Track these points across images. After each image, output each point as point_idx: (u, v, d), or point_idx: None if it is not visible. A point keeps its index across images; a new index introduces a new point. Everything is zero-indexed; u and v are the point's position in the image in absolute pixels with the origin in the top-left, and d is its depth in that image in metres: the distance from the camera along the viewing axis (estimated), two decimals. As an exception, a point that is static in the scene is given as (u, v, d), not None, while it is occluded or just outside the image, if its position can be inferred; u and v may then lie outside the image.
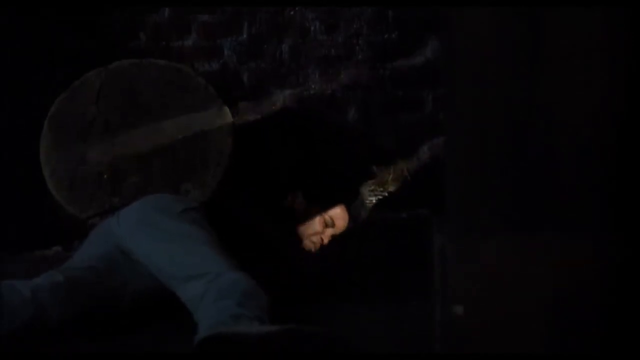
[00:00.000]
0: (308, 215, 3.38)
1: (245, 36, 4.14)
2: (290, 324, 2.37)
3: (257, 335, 2.33)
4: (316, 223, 3.38)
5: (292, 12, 4.11)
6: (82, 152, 3.82)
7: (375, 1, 4.08)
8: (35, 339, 2.57)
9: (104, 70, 3.87)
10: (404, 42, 4.10)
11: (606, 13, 1.73)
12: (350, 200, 3.49)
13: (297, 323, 2.39)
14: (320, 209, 3.39)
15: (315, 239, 3.37)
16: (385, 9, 4.08)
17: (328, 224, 3.39)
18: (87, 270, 2.87)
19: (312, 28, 4.08)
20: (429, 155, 4.10)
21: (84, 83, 3.85)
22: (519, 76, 1.79)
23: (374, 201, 4.01)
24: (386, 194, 3.97)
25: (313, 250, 3.37)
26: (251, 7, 4.11)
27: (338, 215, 3.42)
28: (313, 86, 4.13)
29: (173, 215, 2.97)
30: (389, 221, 3.81)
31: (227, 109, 3.90)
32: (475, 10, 1.74)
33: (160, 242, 2.89)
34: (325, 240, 3.38)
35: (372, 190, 4.03)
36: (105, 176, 3.80)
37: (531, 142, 1.81)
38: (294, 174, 3.80)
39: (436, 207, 2.02)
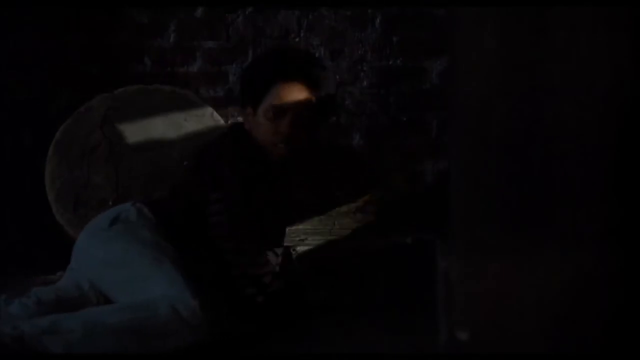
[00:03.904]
0: (260, 120, 3.01)
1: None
2: None
3: None
4: (264, 118, 2.99)
5: (296, 39, 4.13)
6: (87, 176, 3.83)
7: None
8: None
9: (109, 96, 3.88)
10: (408, 67, 4.12)
11: (613, 32, 1.73)
12: (280, 71, 3.01)
13: None
14: (267, 104, 2.99)
15: (277, 138, 2.99)
16: (390, 27, 4.10)
17: (276, 109, 2.97)
18: (74, 288, 2.90)
19: (317, 54, 4.10)
20: (434, 179, 4.10)
21: (90, 108, 3.86)
22: (522, 97, 1.79)
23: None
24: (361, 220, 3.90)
25: (285, 151, 3.01)
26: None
27: (279, 94, 2.98)
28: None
29: (102, 237, 2.92)
30: (393, 246, 3.81)
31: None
32: (478, 29, 1.74)
33: (97, 271, 2.89)
34: (285, 129, 2.97)
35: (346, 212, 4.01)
36: (110, 202, 3.81)
37: (534, 161, 1.80)
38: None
39: (441, 231, 2.02)
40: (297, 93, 2.98)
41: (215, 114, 3.92)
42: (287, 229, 3.36)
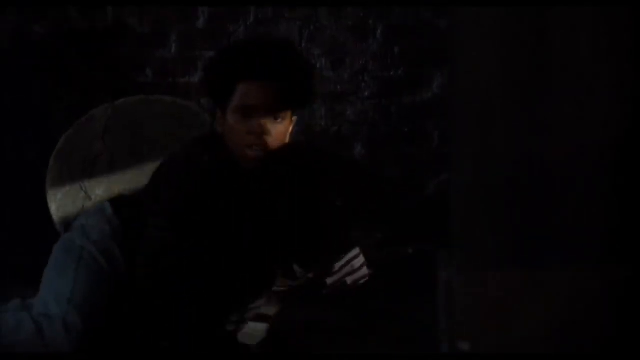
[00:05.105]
0: (230, 121, 2.73)
1: (251, 73, 4.16)
2: None
3: None
4: (234, 119, 2.71)
5: (298, 49, 4.14)
6: (88, 187, 3.83)
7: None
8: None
9: (110, 107, 3.88)
10: (410, 77, 4.12)
11: (613, 32, 1.73)
12: (240, 66, 2.71)
13: None
14: (235, 103, 2.71)
15: (250, 139, 2.69)
16: (391, 38, 4.10)
17: (244, 108, 2.69)
18: None
19: (318, 64, 4.10)
20: (435, 190, 4.09)
21: (91, 118, 3.86)
22: (523, 110, 1.79)
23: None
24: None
25: (261, 154, 2.70)
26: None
27: (246, 92, 2.70)
28: (319, 122, 4.15)
29: (56, 245, 2.90)
30: (394, 257, 3.80)
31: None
32: (478, 30, 1.74)
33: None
34: (256, 128, 2.68)
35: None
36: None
37: (536, 174, 1.80)
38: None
39: (442, 242, 2.01)
40: (265, 89, 2.69)
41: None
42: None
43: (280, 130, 2.72)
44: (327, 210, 2.93)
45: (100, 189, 3.83)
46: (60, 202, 3.80)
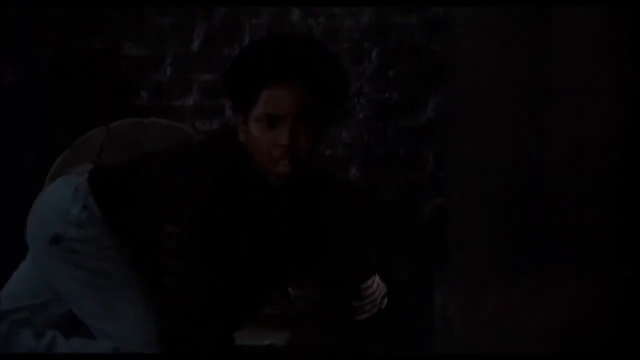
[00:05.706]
0: (253, 130, 2.37)
1: (246, 96, 4.17)
2: None
3: None
4: (257, 129, 2.35)
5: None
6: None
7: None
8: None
9: (105, 129, 3.88)
10: (405, 100, 4.13)
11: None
12: (267, 71, 2.37)
13: None
14: (258, 110, 2.35)
15: (276, 152, 2.34)
16: (386, 61, 4.12)
17: (269, 117, 2.33)
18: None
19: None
20: (431, 213, 4.09)
21: (86, 140, 3.85)
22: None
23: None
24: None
25: (287, 169, 2.35)
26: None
27: (272, 98, 2.34)
28: (314, 145, 4.15)
29: (50, 252, 2.67)
30: (390, 280, 3.79)
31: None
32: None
33: (57, 284, 2.65)
34: (283, 140, 2.32)
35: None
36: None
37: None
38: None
39: (438, 264, 2.01)
40: (291, 94, 2.36)
41: (211, 147, 3.92)
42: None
43: (309, 140, 2.37)
44: (347, 236, 2.82)
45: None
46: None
